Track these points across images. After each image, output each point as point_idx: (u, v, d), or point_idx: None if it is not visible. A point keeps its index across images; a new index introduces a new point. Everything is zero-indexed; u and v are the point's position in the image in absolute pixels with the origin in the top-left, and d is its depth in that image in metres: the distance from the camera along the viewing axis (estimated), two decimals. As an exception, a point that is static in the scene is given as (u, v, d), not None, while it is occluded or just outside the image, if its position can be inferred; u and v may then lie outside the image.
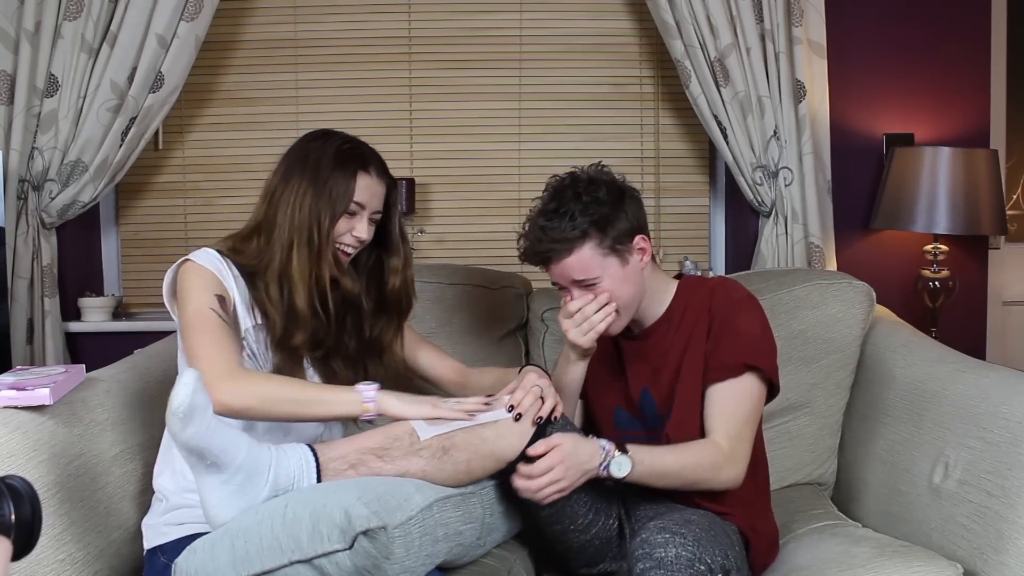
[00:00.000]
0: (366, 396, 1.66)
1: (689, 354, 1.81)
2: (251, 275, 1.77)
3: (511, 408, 1.68)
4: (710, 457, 1.73)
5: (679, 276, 1.95)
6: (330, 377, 1.83)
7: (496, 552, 1.83)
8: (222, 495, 1.51)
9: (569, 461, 1.64)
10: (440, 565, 1.65)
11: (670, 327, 1.85)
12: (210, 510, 1.52)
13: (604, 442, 1.68)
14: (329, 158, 1.78)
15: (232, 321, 1.72)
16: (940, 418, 1.89)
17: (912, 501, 1.90)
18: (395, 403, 1.67)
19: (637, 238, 1.79)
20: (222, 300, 1.70)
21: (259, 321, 1.76)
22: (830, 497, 2.28)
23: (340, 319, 1.84)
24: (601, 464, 1.66)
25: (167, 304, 1.78)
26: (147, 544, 1.74)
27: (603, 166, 1.83)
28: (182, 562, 1.51)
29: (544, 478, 1.63)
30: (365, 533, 1.42)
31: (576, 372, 1.89)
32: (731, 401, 1.77)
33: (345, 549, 1.43)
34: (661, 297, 1.87)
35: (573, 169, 1.84)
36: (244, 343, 1.74)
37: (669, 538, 1.52)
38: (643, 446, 1.72)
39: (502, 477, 1.74)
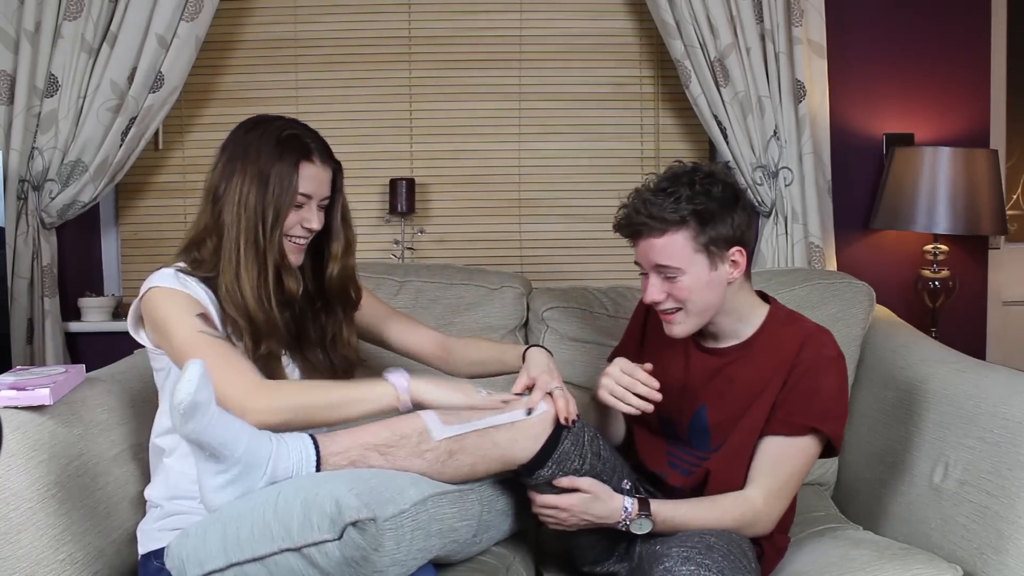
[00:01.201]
0: (400, 387, 1.64)
1: (760, 401, 1.75)
2: (215, 285, 1.71)
3: (529, 411, 1.66)
4: (739, 514, 1.70)
5: (764, 295, 1.86)
6: (310, 370, 1.81)
7: (496, 549, 1.83)
8: (219, 483, 1.51)
9: (579, 509, 1.66)
10: (435, 561, 1.65)
11: (747, 356, 1.78)
12: (207, 496, 1.52)
13: (628, 502, 1.68)
14: (270, 150, 1.71)
15: (224, 335, 1.67)
16: (940, 418, 1.89)
17: (912, 501, 1.90)
18: (430, 390, 1.66)
19: (734, 249, 1.71)
20: (206, 317, 1.66)
21: (230, 330, 1.71)
22: (830, 497, 2.28)
23: (299, 310, 1.80)
24: (619, 523, 1.68)
25: (132, 332, 1.74)
26: (141, 549, 1.73)
27: (730, 167, 1.76)
28: (174, 546, 1.51)
29: (548, 509, 1.68)
30: (354, 524, 1.42)
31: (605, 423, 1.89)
32: (784, 457, 1.73)
33: (334, 539, 1.43)
34: (748, 320, 1.79)
35: (696, 162, 1.77)
36: None
37: (694, 570, 1.52)
38: (668, 502, 1.71)
39: (506, 476, 1.74)
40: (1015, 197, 3.19)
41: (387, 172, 2.97)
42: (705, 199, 1.68)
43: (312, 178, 1.73)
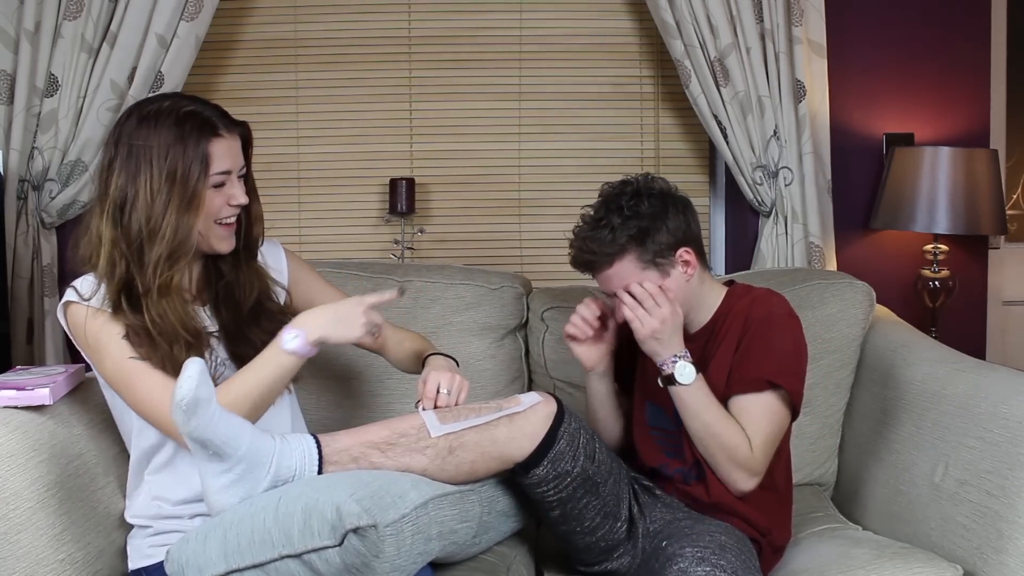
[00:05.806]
0: (286, 341, 1.59)
1: (724, 369, 1.80)
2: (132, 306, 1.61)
3: (418, 403, 1.71)
4: (739, 441, 1.75)
5: (730, 283, 1.94)
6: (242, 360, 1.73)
7: (496, 548, 1.83)
8: (223, 483, 1.51)
9: (671, 322, 1.74)
10: (434, 561, 1.65)
11: (711, 337, 1.85)
12: (210, 497, 1.52)
13: (685, 352, 1.75)
14: (171, 137, 1.58)
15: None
16: (940, 418, 1.90)
17: (912, 501, 1.90)
18: (319, 328, 1.60)
19: (680, 250, 1.79)
20: (130, 339, 1.61)
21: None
22: (830, 497, 2.28)
23: (219, 312, 1.74)
24: (675, 356, 1.74)
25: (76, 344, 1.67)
26: (132, 564, 1.71)
27: (653, 176, 1.84)
28: (174, 551, 1.51)
29: (641, 307, 1.74)
30: (355, 531, 1.42)
31: (593, 386, 1.95)
32: (754, 415, 1.76)
33: (335, 546, 1.43)
34: (708, 306, 1.87)
35: (626, 177, 1.84)
36: None
37: (710, 571, 1.54)
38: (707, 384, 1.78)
39: (506, 476, 1.74)
40: (1015, 197, 3.19)
41: (387, 172, 2.97)
42: (637, 220, 1.76)
43: (225, 153, 1.63)
